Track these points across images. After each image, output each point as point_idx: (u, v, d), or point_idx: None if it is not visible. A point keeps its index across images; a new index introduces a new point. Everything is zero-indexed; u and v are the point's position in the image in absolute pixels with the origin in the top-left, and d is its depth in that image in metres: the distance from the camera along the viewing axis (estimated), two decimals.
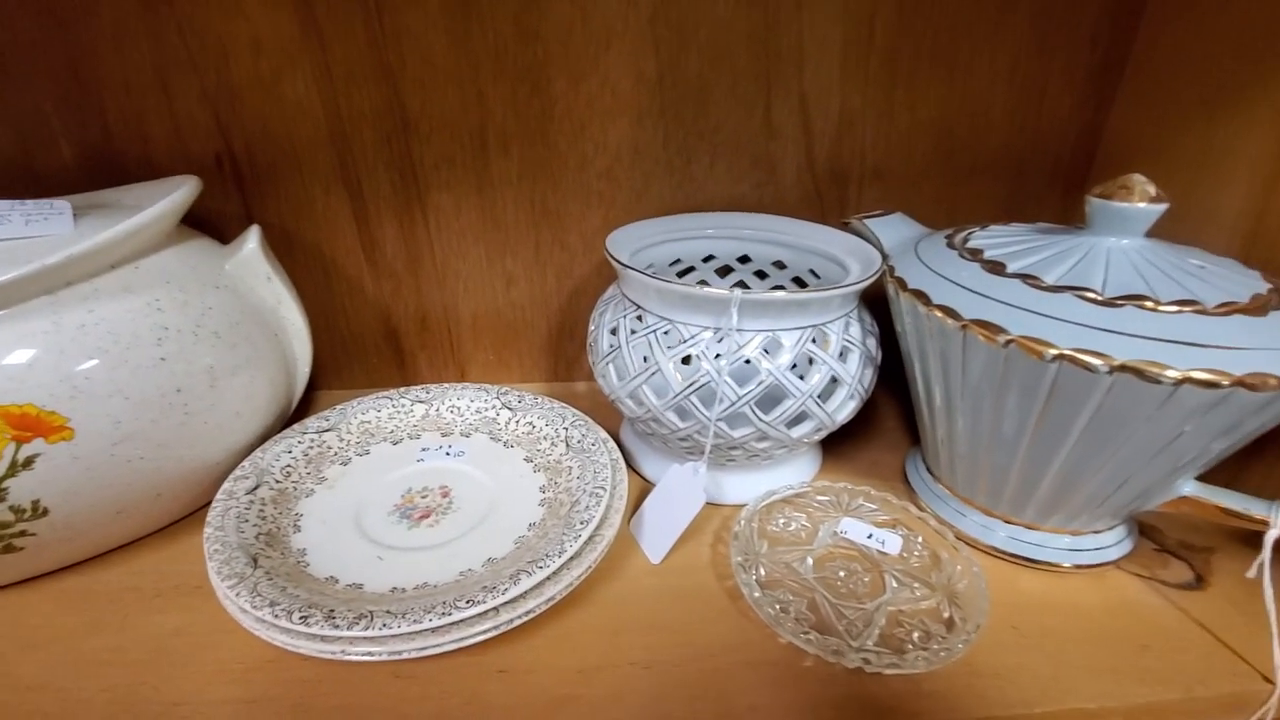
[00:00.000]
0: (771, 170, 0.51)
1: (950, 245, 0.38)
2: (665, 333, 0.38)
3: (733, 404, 0.37)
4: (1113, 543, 0.38)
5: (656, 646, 0.33)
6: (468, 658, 0.32)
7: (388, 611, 0.30)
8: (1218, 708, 0.32)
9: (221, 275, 0.42)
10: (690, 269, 0.51)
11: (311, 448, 0.43)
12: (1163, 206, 0.33)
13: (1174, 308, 0.30)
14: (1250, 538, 0.35)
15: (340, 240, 0.52)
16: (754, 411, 0.37)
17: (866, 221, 0.45)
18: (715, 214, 0.50)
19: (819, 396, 0.37)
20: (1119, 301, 0.30)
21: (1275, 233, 0.39)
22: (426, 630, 0.29)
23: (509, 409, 0.47)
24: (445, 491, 0.41)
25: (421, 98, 0.47)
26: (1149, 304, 0.30)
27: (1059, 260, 0.34)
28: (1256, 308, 0.30)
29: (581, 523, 0.35)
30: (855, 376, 0.38)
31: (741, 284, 0.51)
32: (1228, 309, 0.30)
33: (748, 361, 0.37)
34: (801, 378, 0.37)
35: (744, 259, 0.51)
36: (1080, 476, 0.34)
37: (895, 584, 0.36)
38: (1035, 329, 0.30)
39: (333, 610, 0.30)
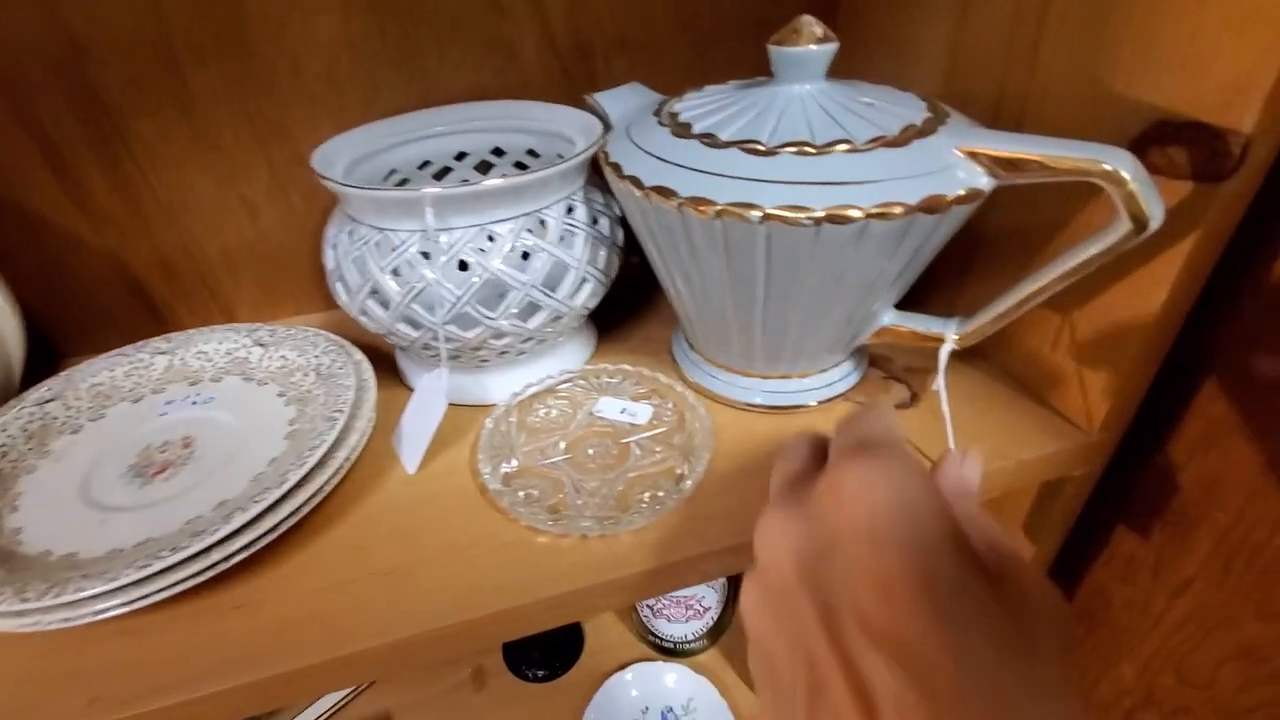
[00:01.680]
0: (510, 53, 0.48)
1: (655, 114, 0.38)
2: (377, 243, 0.36)
3: (454, 305, 0.36)
4: (840, 377, 0.42)
5: (403, 552, 0.34)
6: (201, 601, 0.32)
7: (84, 576, 0.29)
8: None
9: None
10: (446, 170, 0.49)
11: (32, 422, 0.40)
12: (832, 46, 0.33)
13: (827, 149, 0.31)
14: (966, 355, 0.38)
15: (38, 192, 0.46)
16: (478, 310, 0.36)
17: (597, 97, 0.43)
18: (447, 108, 0.47)
19: (545, 286, 0.37)
20: (779, 150, 0.31)
21: (967, 64, 0.41)
22: (128, 585, 0.28)
23: (261, 345, 0.44)
24: (187, 442, 0.39)
25: (85, 15, 0.41)
26: (808, 149, 0.31)
27: (739, 116, 0.34)
28: (902, 139, 0.31)
29: (310, 449, 0.34)
30: (583, 260, 0.38)
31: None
32: (875, 143, 0.31)
33: (464, 263, 0.36)
34: (521, 269, 0.36)
35: (498, 151, 0.49)
36: (811, 322, 0.36)
37: (639, 452, 0.38)
38: (703, 189, 0.31)
39: (25, 585, 0.29)
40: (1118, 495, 0.43)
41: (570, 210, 0.38)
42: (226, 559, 0.31)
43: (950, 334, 0.36)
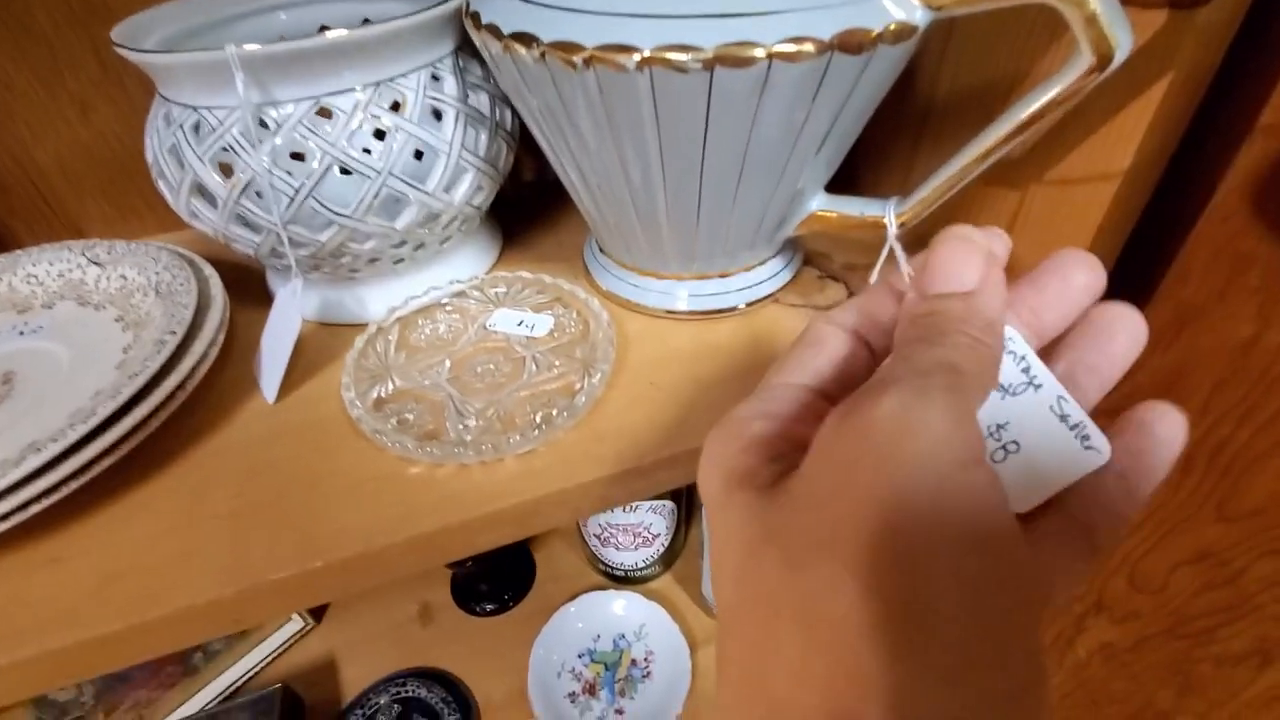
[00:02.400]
0: None
1: None
2: (195, 126, 0.30)
3: (293, 200, 0.30)
4: (768, 276, 0.36)
5: (251, 492, 0.29)
6: (6, 556, 0.27)
7: None
8: None
9: None
10: None
11: None
12: None
13: None
14: (911, 245, 0.33)
15: None
16: (325, 206, 0.30)
17: None
18: None
19: (408, 175, 0.31)
20: None
21: None
22: None
23: (97, 264, 0.38)
24: (7, 378, 0.33)
25: None
26: None
27: None
28: None
29: (131, 375, 0.28)
30: (455, 143, 0.32)
31: None
32: None
33: (298, 154, 0.29)
34: (370, 152, 0.30)
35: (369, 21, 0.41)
36: (720, 206, 0.30)
37: (535, 367, 0.33)
38: (570, 30, 0.24)
39: None
40: None
41: (437, 79, 0.32)
42: (24, 506, 0.26)
43: (891, 215, 0.31)
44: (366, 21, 0.41)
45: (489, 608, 0.71)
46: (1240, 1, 0.24)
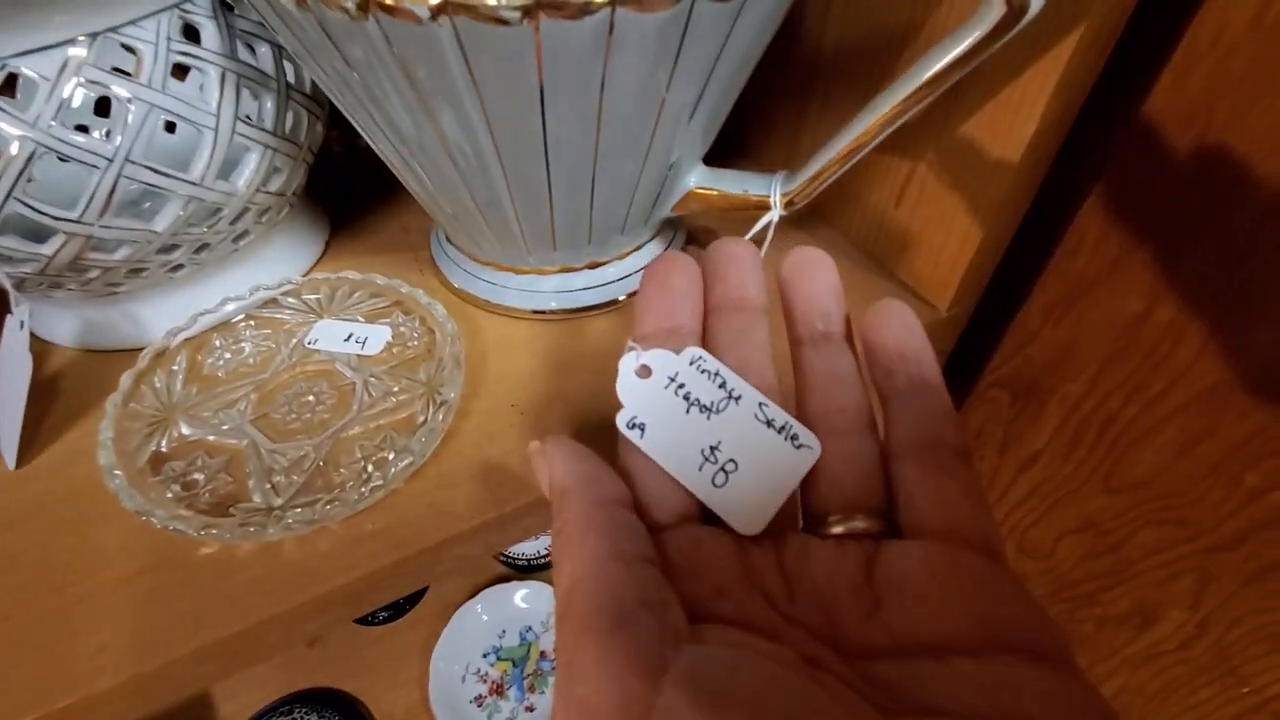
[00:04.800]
0: None
1: None
2: None
3: None
4: (644, 263, 0.32)
5: None
6: None
7: None
8: None
9: None
10: None
11: None
12: None
13: None
14: (801, 219, 0.29)
15: None
16: (36, 208, 0.22)
17: None
18: None
19: (157, 159, 0.23)
20: None
21: None
22: None
23: None
24: None
25: None
26: None
27: None
28: None
29: None
30: (226, 114, 0.24)
31: None
32: None
33: None
34: (95, 133, 0.22)
35: None
36: (577, 187, 0.25)
37: (368, 395, 0.27)
38: None
39: None
40: (967, 366, 0.38)
41: (185, 36, 0.23)
42: None
43: (776, 194, 0.26)
44: None
45: (382, 615, 0.65)
46: None
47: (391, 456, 0.24)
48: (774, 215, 0.26)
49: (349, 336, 0.29)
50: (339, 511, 0.22)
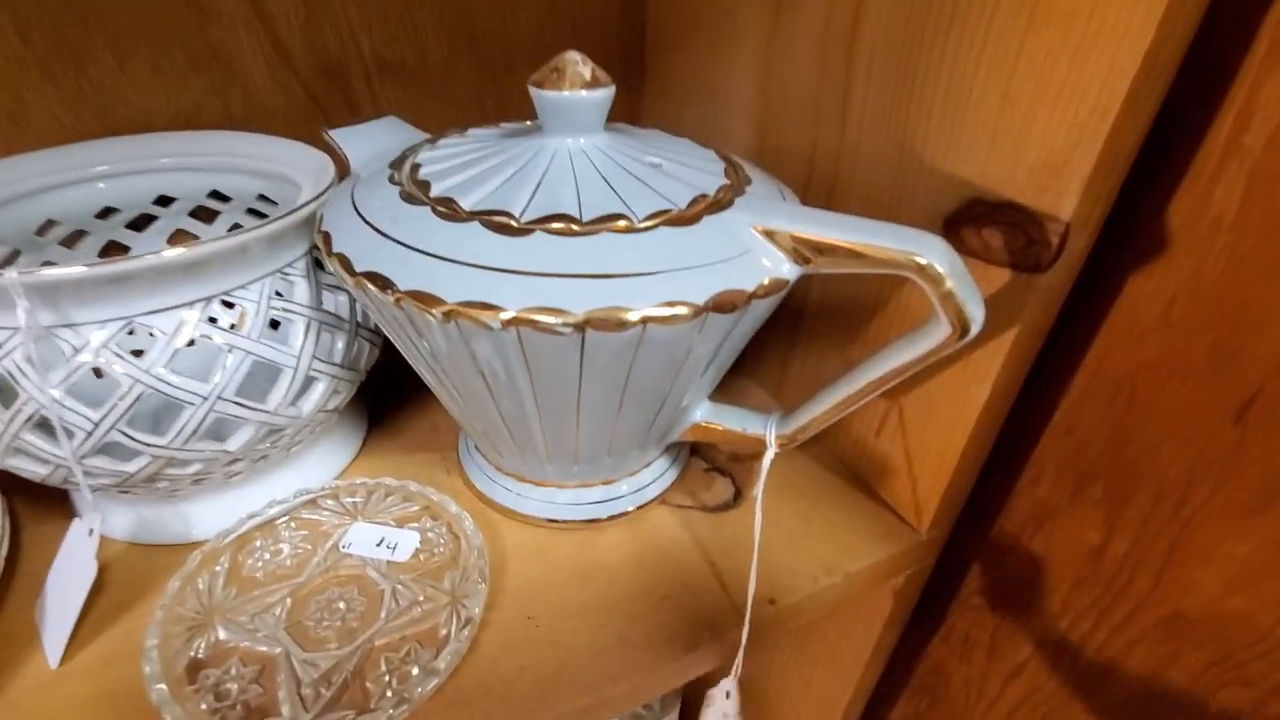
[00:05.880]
0: (227, 69, 0.37)
1: (393, 165, 0.29)
2: None
3: (90, 434, 0.25)
4: (654, 478, 0.35)
5: None
6: None
7: None
8: (719, 654, 0.30)
9: None
10: (148, 220, 0.37)
11: None
12: (604, 92, 0.26)
13: (594, 227, 0.24)
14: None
15: None
16: (133, 436, 0.26)
17: (334, 133, 0.34)
18: (132, 138, 0.35)
19: (241, 396, 0.27)
20: (533, 227, 0.24)
21: (779, 112, 0.36)
22: None
23: None
24: None
25: None
26: (573, 226, 0.24)
27: (493, 175, 0.26)
28: (690, 215, 0.25)
29: None
30: (306, 354, 0.29)
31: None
32: (656, 219, 0.24)
33: (99, 372, 0.25)
34: (197, 377, 0.26)
35: (220, 197, 0.38)
36: (600, 428, 0.29)
37: (395, 604, 0.29)
38: (430, 280, 0.23)
39: None
40: (953, 572, 0.40)
41: (282, 293, 0.28)
42: None
43: (771, 436, 0.30)
44: (215, 194, 0.37)
45: None
46: (1072, 270, 0.26)
47: (415, 672, 0.26)
48: (770, 455, 0.30)
49: (380, 541, 0.31)
50: None
